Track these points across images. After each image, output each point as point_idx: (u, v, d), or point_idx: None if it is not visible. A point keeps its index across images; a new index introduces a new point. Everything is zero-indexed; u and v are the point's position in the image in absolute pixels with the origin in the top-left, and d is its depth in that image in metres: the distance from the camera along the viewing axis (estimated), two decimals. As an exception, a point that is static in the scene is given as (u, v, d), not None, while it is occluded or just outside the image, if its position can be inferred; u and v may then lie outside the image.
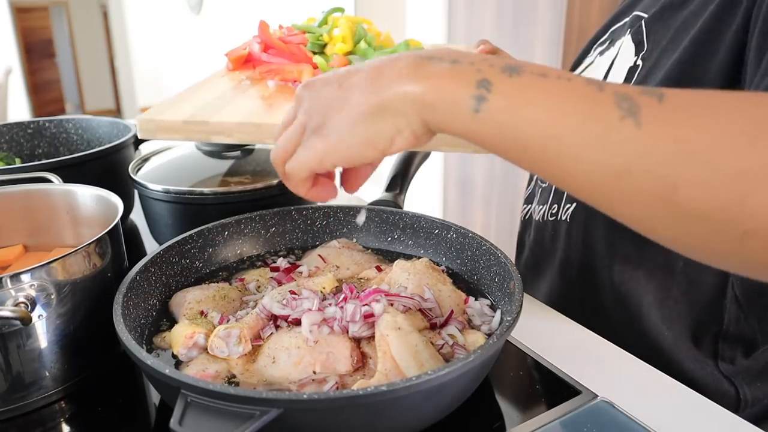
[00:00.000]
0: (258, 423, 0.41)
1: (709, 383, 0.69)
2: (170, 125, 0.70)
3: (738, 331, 0.68)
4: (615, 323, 0.73)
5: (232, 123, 0.69)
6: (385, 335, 0.53)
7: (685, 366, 0.69)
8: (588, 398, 0.55)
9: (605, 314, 0.75)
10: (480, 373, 0.53)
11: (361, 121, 0.41)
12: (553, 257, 0.82)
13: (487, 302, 0.64)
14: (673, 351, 0.70)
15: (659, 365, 0.62)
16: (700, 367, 0.70)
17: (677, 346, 0.70)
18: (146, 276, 0.63)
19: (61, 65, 8.21)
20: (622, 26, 0.78)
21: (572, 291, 0.80)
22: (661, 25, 0.68)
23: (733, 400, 0.69)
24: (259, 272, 0.71)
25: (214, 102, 0.77)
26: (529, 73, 0.37)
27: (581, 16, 2.19)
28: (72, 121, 1.09)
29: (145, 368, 0.47)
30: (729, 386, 0.69)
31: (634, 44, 0.71)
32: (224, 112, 0.73)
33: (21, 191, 0.72)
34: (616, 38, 0.78)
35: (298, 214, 0.78)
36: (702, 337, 0.70)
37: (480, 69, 0.37)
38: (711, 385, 0.69)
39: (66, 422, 0.57)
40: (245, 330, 0.56)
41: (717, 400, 0.57)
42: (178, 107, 0.75)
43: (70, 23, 8.07)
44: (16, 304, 0.51)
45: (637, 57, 0.69)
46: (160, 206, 0.81)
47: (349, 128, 0.42)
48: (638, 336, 0.71)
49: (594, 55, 0.82)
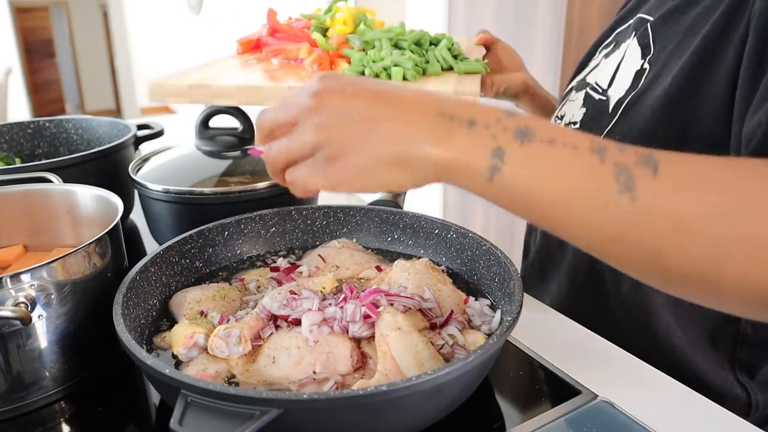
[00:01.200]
0: (258, 423, 0.41)
1: (722, 387, 0.68)
2: (176, 89, 0.77)
3: (756, 334, 0.66)
4: (625, 325, 0.72)
5: (234, 86, 0.76)
6: (385, 335, 0.53)
7: (700, 368, 0.68)
8: (588, 398, 0.55)
9: (614, 317, 0.74)
10: (480, 373, 0.53)
11: (381, 166, 0.43)
12: (560, 262, 0.82)
13: (487, 302, 0.64)
14: (686, 353, 0.68)
15: (671, 368, 0.61)
16: (715, 371, 0.68)
17: (692, 348, 0.68)
18: (146, 276, 0.63)
19: (61, 65, 8.21)
20: (627, 28, 0.79)
21: (580, 295, 0.79)
22: (667, 28, 0.69)
23: (744, 405, 0.68)
24: (259, 272, 0.71)
25: (220, 74, 0.82)
26: (539, 141, 0.40)
27: (581, 16, 2.18)
28: (72, 121, 1.09)
29: (145, 368, 0.47)
30: (742, 392, 0.68)
31: (641, 47, 0.71)
32: (228, 80, 0.79)
33: (21, 191, 0.72)
34: (621, 40, 0.78)
35: (298, 214, 0.78)
36: (719, 339, 0.68)
37: (495, 135, 0.40)
38: (723, 388, 0.68)
39: (66, 422, 0.57)
40: (245, 330, 0.56)
41: (726, 402, 0.56)
42: (185, 75, 0.81)
43: (70, 23, 8.07)
44: (16, 304, 0.51)
45: (644, 60, 0.70)
46: (160, 206, 0.81)
47: (368, 169, 0.43)
48: (649, 338, 0.70)
49: (599, 57, 0.83)
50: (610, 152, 0.40)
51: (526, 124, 0.41)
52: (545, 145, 0.40)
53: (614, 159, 0.39)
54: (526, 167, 0.40)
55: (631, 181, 0.38)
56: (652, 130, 0.64)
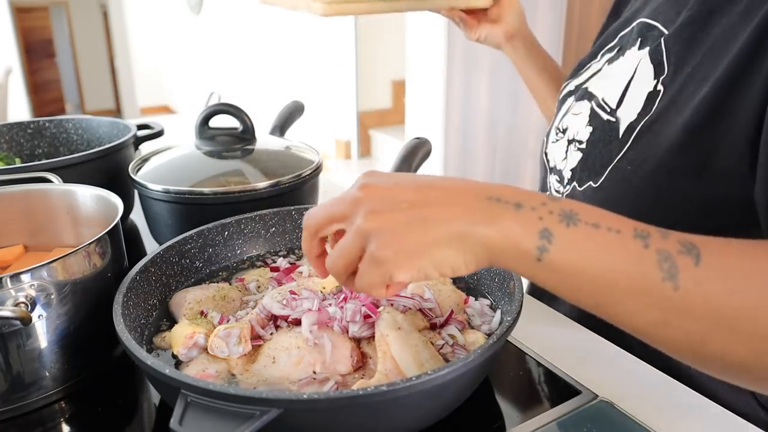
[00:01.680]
0: (258, 423, 0.41)
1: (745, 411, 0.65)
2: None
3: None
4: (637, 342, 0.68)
5: None
6: (385, 335, 0.53)
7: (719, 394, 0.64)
8: (588, 398, 0.55)
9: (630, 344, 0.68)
10: (480, 373, 0.53)
11: (435, 248, 0.42)
12: None
13: (487, 302, 0.64)
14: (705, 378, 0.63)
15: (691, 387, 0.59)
16: (737, 397, 0.66)
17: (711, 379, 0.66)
18: (146, 276, 0.63)
19: (61, 65, 8.21)
20: (630, 32, 0.75)
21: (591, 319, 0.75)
22: (683, 46, 0.63)
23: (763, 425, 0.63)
24: (259, 272, 0.71)
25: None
26: (584, 223, 0.41)
27: (581, 17, 2.18)
28: (72, 121, 1.09)
29: (145, 368, 0.47)
30: (765, 415, 0.66)
31: (653, 65, 0.67)
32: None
33: (21, 191, 0.72)
34: (626, 46, 0.74)
35: (298, 214, 0.78)
36: None
37: (542, 217, 0.41)
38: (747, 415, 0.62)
39: (66, 422, 0.57)
40: (245, 330, 0.56)
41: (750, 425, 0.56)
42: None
43: (70, 23, 8.07)
44: (16, 304, 0.51)
45: (657, 81, 0.65)
46: (160, 206, 0.81)
47: (421, 253, 0.42)
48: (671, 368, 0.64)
49: (602, 61, 0.79)
50: (653, 239, 0.41)
51: (570, 207, 0.42)
52: (591, 228, 0.41)
53: (657, 245, 0.41)
54: (574, 249, 0.41)
55: (674, 269, 0.40)
56: (668, 161, 0.61)
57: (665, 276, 0.40)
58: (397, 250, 0.42)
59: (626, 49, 0.74)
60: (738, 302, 0.39)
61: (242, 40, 5.20)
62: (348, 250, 0.44)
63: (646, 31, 0.71)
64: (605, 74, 0.76)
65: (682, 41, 0.64)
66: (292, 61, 4.86)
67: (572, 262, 0.41)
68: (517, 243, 0.41)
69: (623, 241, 0.41)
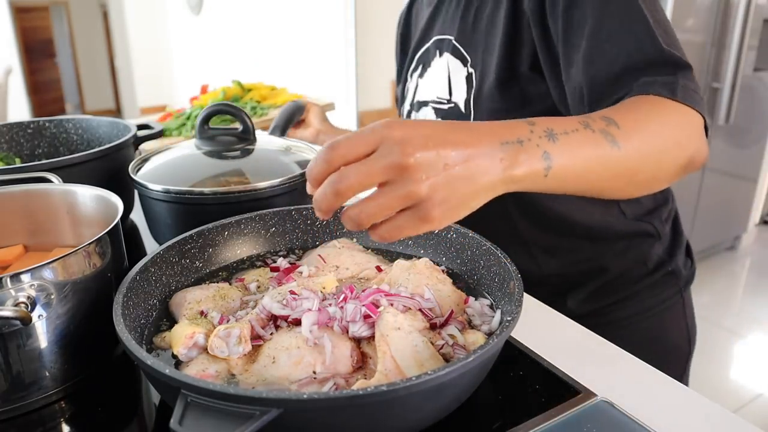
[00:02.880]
0: (258, 423, 0.41)
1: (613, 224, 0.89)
2: None
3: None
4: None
5: None
6: (385, 335, 0.53)
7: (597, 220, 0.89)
8: (588, 398, 0.55)
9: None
10: (480, 373, 0.53)
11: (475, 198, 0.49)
12: None
13: (487, 302, 0.64)
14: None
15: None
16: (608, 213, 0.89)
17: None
18: (146, 276, 0.63)
19: (61, 65, 8.21)
20: (427, 51, 0.99)
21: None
22: (469, 38, 0.90)
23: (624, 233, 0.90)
24: (259, 272, 0.71)
25: None
26: (560, 134, 0.53)
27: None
28: (72, 121, 1.09)
29: (145, 368, 0.47)
30: (624, 219, 0.89)
31: (459, 59, 0.92)
32: None
33: (21, 191, 0.72)
34: (428, 61, 0.99)
35: (298, 214, 0.78)
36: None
37: (538, 144, 0.51)
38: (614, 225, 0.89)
39: (66, 422, 0.57)
40: (245, 330, 0.56)
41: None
42: None
43: (70, 23, 8.07)
44: (16, 304, 0.51)
45: (467, 67, 0.91)
46: (160, 206, 0.81)
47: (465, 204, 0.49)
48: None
49: (414, 79, 1.03)
50: (592, 122, 0.56)
51: (545, 126, 0.53)
52: (565, 137, 0.53)
53: (596, 126, 0.56)
54: (564, 157, 0.52)
55: (611, 137, 0.56)
56: (498, 107, 0.85)
57: (611, 144, 0.55)
58: (445, 209, 0.48)
59: (431, 61, 0.98)
60: (649, 143, 0.58)
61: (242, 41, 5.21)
62: (392, 208, 0.47)
63: (440, 42, 0.96)
64: (424, 85, 1.00)
65: (467, 37, 0.91)
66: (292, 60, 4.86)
67: (567, 167, 0.52)
68: (533, 172, 0.51)
69: (583, 135, 0.54)
